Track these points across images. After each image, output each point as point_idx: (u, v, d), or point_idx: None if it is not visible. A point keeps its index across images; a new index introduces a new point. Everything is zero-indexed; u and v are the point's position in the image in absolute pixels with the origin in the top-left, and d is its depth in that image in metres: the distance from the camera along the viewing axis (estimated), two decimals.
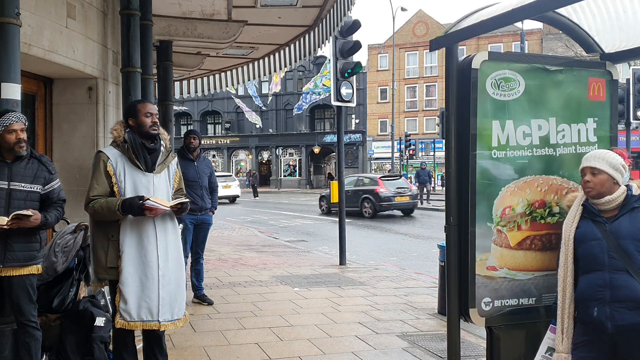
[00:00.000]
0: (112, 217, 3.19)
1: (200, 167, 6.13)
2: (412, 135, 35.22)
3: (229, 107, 45.65)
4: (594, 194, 2.66)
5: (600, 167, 2.65)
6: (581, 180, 2.74)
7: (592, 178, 2.66)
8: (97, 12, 5.08)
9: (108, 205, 3.17)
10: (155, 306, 3.22)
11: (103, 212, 3.18)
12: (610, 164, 2.65)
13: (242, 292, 6.88)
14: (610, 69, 3.37)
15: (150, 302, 3.21)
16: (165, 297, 3.26)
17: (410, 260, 9.99)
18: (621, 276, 2.53)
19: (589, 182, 2.67)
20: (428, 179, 24.44)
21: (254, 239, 12.96)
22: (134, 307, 3.19)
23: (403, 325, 5.42)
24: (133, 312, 3.19)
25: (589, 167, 2.68)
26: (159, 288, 3.24)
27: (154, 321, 3.23)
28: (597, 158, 2.68)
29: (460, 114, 3.10)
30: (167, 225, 3.35)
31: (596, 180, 2.65)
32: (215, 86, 10.35)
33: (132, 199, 3.17)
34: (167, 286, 3.28)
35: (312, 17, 7.22)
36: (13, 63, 3.47)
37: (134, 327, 3.22)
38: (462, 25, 3.04)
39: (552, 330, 2.85)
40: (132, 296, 3.19)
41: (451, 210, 3.16)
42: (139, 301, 3.19)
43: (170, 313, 3.29)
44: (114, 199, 3.20)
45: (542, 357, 2.85)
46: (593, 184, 2.66)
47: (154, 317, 3.23)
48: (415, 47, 42.16)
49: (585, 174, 2.69)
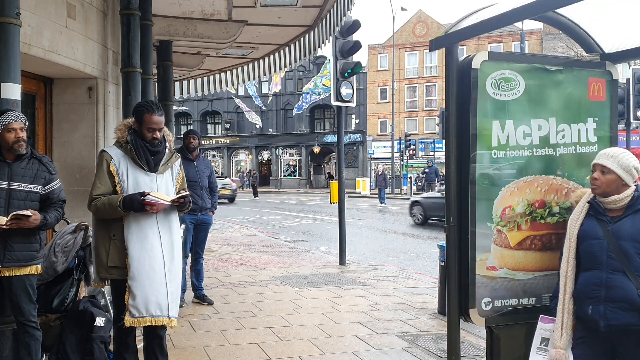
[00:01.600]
0: (114, 214, 3.20)
1: (199, 167, 6.14)
2: (412, 135, 35.23)
3: (229, 107, 45.65)
4: (599, 192, 2.64)
5: (610, 166, 2.61)
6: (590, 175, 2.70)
7: (600, 176, 2.63)
8: (97, 12, 5.09)
9: (110, 202, 3.18)
10: (164, 300, 3.22)
11: (105, 209, 3.19)
12: (621, 165, 2.60)
13: (242, 292, 6.88)
14: (610, 69, 3.37)
15: (160, 297, 3.21)
16: (174, 292, 3.28)
17: (410, 260, 9.99)
18: (617, 277, 2.53)
19: (597, 179, 2.64)
20: (435, 177, 23.96)
21: (254, 239, 12.96)
22: (143, 302, 3.18)
23: (403, 325, 5.42)
24: (142, 307, 3.18)
25: (599, 164, 2.64)
26: (167, 283, 3.25)
27: (163, 316, 3.22)
28: (610, 157, 2.63)
29: (460, 114, 3.10)
30: (171, 224, 3.36)
31: (604, 179, 2.62)
32: (215, 86, 10.35)
33: (133, 194, 3.18)
34: (174, 281, 3.30)
35: (312, 17, 7.22)
36: (13, 63, 3.47)
37: (143, 322, 3.20)
38: (462, 25, 3.04)
39: (542, 320, 2.85)
40: (140, 291, 3.18)
41: (451, 210, 3.16)
42: (147, 296, 3.19)
43: (175, 309, 3.30)
44: (115, 196, 3.22)
45: (537, 348, 2.84)
46: (600, 182, 2.63)
47: (163, 312, 3.22)
48: (415, 47, 42.15)
49: (595, 171, 2.66)
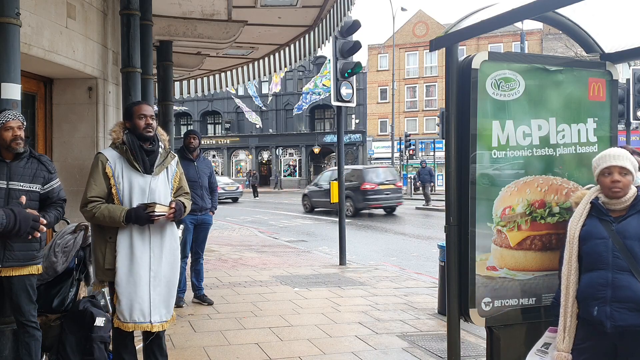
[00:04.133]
0: (113, 225, 3.20)
1: (200, 167, 6.14)
2: (412, 135, 35.20)
3: (229, 107, 45.65)
4: (622, 195, 2.57)
5: (629, 167, 2.57)
6: (602, 179, 2.61)
7: (622, 178, 2.56)
8: (97, 12, 5.09)
9: (111, 215, 3.16)
10: (147, 307, 3.24)
11: (105, 220, 3.18)
12: (633, 164, 2.58)
13: (242, 292, 6.88)
14: (610, 69, 3.36)
15: (143, 304, 3.23)
16: (156, 298, 3.28)
17: (410, 260, 9.99)
18: (624, 276, 2.50)
19: (619, 182, 2.56)
20: (429, 177, 23.53)
21: (254, 239, 12.95)
22: (127, 308, 3.21)
23: (403, 325, 5.42)
24: (126, 313, 3.21)
25: (618, 166, 2.57)
26: (150, 289, 3.25)
27: (145, 322, 3.25)
28: (624, 158, 2.58)
29: (460, 114, 3.10)
30: (164, 227, 3.34)
31: (625, 181, 2.56)
32: (215, 86, 10.35)
33: (138, 210, 3.17)
34: (158, 287, 3.29)
35: (312, 17, 7.22)
36: (13, 63, 3.47)
37: (127, 328, 3.23)
38: (462, 26, 3.04)
39: (550, 330, 2.84)
40: (125, 297, 3.21)
41: (451, 210, 3.16)
42: (132, 302, 3.21)
43: (159, 314, 3.30)
44: (116, 208, 3.19)
45: (537, 350, 2.84)
46: (623, 184, 2.56)
47: (145, 318, 3.24)
48: (415, 47, 42.16)
49: (612, 173, 2.58)
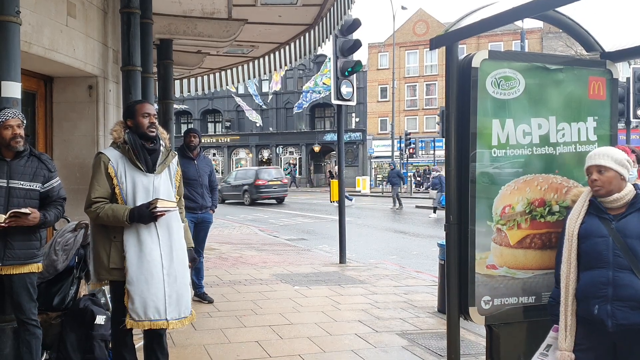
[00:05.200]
0: (118, 224, 3.20)
1: (200, 166, 6.14)
2: (412, 133, 35.22)
3: (230, 105, 45.64)
4: (604, 193, 2.60)
5: (606, 164, 2.59)
6: (587, 180, 2.68)
7: (599, 176, 2.61)
8: (97, 11, 5.08)
9: (115, 214, 3.16)
10: (162, 304, 3.22)
11: (109, 220, 3.18)
12: (615, 160, 2.59)
13: (243, 290, 6.89)
14: (611, 68, 3.36)
15: (157, 301, 3.21)
16: (172, 295, 3.26)
17: (410, 259, 9.99)
18: (625, 275, 2.49)
19: (597, 180, 2.61)
20: (398, 179, 22.46)
21: (254, 237, 12.96)
22: (141, 306, 3.18)
23: (403, 324, 5.43)
24: (140, 311, 3.18)
25: (594, 165, 2.63)
26: (165, 286, 3.24)
27: (161, 320, 3.23)
28: (602, 155, 2.63)
29: (461, 113, 3.10)
30: (170, 224, 3.33)
31: (604, 178, 2.60)
32: (215, 85, 10.35)
33: (140, 208, 3.16)
34: (174, 284, 3.28)
35: (312, 15, 7.21)
36: (13, 61, 3.46)
37: (143, 326, 3.21)
38: (463, 24, 3.04)
39: (553, 330, 2.84)
40: (138, 296, 3.18)
41: (451, 208, 3.16)
42: (145, 300, 3.19)
43: (178, 311, 3.28)
44: (120, 207, 3.19)
45: (540, 354, 2.84)
46: (601, 182, 2.60)
47: (161, 315, 3.22)
48: (415, 45, 42.13)
49: (592, 173, 2.63)
